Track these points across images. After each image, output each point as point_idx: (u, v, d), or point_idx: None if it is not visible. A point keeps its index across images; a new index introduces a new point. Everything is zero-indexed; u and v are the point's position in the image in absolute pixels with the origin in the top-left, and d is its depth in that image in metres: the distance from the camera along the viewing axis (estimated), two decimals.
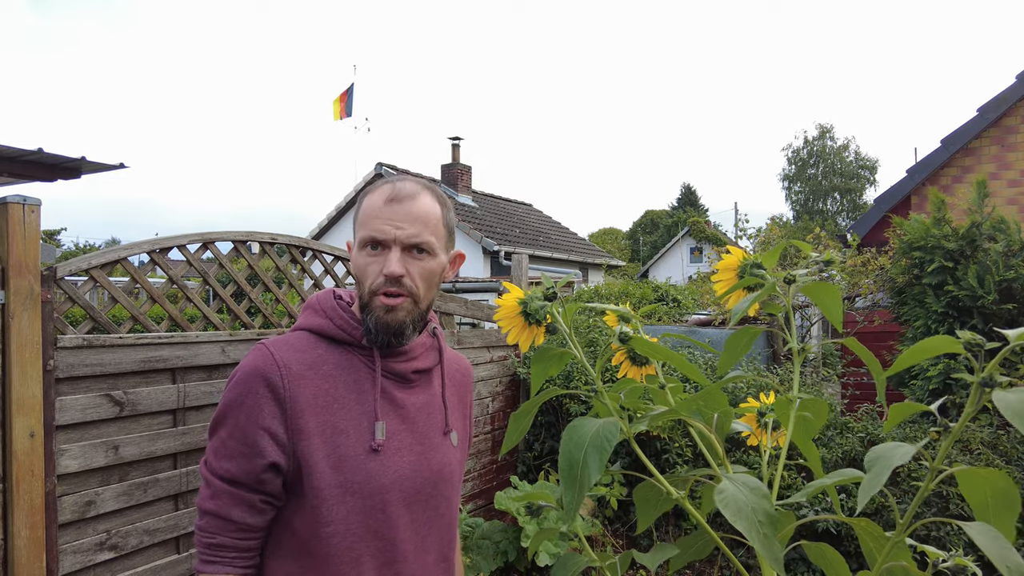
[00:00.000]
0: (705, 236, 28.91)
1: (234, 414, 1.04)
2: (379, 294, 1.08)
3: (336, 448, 1.04)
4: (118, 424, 2.15)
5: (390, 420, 1.10)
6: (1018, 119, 6.68)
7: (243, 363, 1.07)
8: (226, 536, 1.03)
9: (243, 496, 1.03)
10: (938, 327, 3.98)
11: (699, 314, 7.98)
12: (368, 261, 1.09)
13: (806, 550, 0.75)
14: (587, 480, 0.67)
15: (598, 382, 0.76)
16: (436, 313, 3.81)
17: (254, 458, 1.02)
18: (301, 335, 1.12)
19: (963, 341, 0.55)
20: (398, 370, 1.13)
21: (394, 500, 1.07)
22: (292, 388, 1.04)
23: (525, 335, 0.81)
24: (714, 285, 0.87)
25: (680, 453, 3.88)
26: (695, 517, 0.77)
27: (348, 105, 16.45)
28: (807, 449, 0.82)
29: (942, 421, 0.60)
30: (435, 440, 1.15)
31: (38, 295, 1.96)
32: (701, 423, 0.79)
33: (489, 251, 15.62)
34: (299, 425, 1.03)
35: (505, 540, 3.50)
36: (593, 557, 0.82)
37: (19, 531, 1.89)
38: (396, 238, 1.07)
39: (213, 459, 1.05)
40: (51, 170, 4.57)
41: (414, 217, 1.09)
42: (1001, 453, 3.43)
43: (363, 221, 1.10)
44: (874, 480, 0.56)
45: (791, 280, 0.79)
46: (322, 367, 1.08)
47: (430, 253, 1.11)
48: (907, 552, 0.66)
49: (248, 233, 2.68)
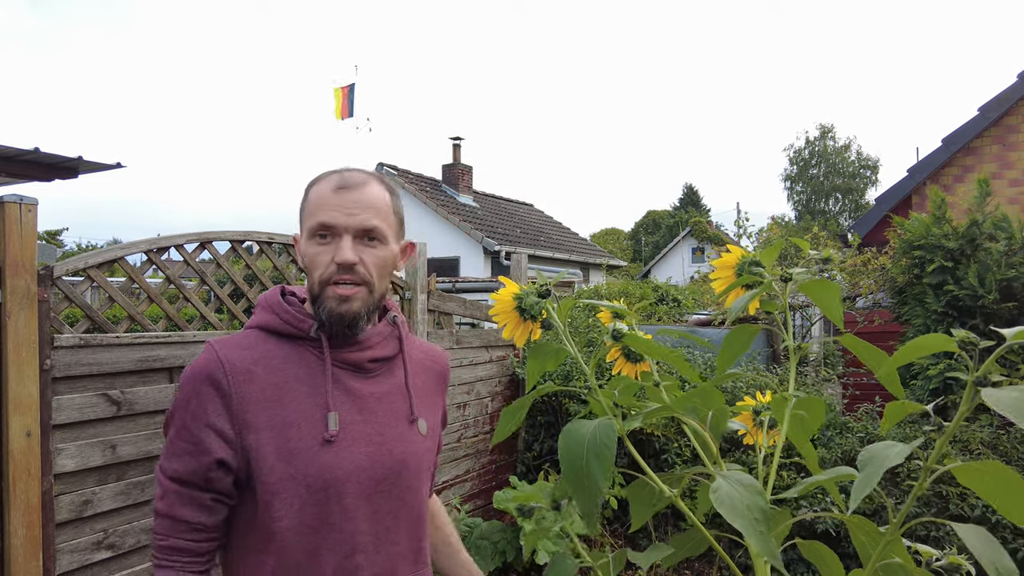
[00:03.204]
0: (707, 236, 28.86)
1: (180, 414, 1.04)
2: (331, 283, 1.06)
3: (287, 441, 1.03)
4: (115, 423, 2.15)
5: (345, 410, 1.08)
6: (1019, 118, 6.67)
7: (189, 365, 1.07)
8: (177, 538, 1.01)
9: (191, 495, 1.02)
10: (938, 327, 3.96)
11: (699, 314, 7.97)
12: (318, 250, 1.07)
13: (800, 548, 0.74)
14: (596, 489, 0.67)
15: (592, 379, 0.76)
16: (436, 313, 3.81)
17: (200, 456, 1.01)
18: (250, 333, 1.11)
19: (957, 339, 0.54)
20: (352, 360, 1.11)
21: (351, 491, 1.05)
22: (237, 384, 1.03)
23: (520, 330, 0.81)
24: (712, 283, 0.87)
25: (679, 453, 3.87)
26: (688, 516, 0.76)
27: (349, 105, 16.44)
28: (804, 448, 0.81)
29: (936, 420, 0.59)
30: (398, 429, 1.13)
31: (35, 294, 1.96)
32: (696, 421, 0.78)
33: (490, 251, 15.62)
34: (246, 420, 1.02)
35: (504, 540, 3.50)
36: (586, 557, 0.82)
37: (15, 530, 1.89)
38: (348, 225, 1.06)
39: (164, 460, 1.04)
40: (48, 170, 4.58)
41: (365, 204, 1.07)
42: (1001, 453, 3.42)
43: (311, 210, 1.08)
44: (867, 479, 0.55)
45: (788, 278, 0.79)
46: (270, 361, 1.07)
47: (381, 241, 1.09)
48: (902, 549, 0.66)
49: (245, 233, 2.68)
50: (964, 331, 0.53)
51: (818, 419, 0.79)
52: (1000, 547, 0.59)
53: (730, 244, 0.86)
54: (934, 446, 0.59)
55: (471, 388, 4.04)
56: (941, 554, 0.60)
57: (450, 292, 7.92)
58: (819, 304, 0.72)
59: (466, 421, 4.00)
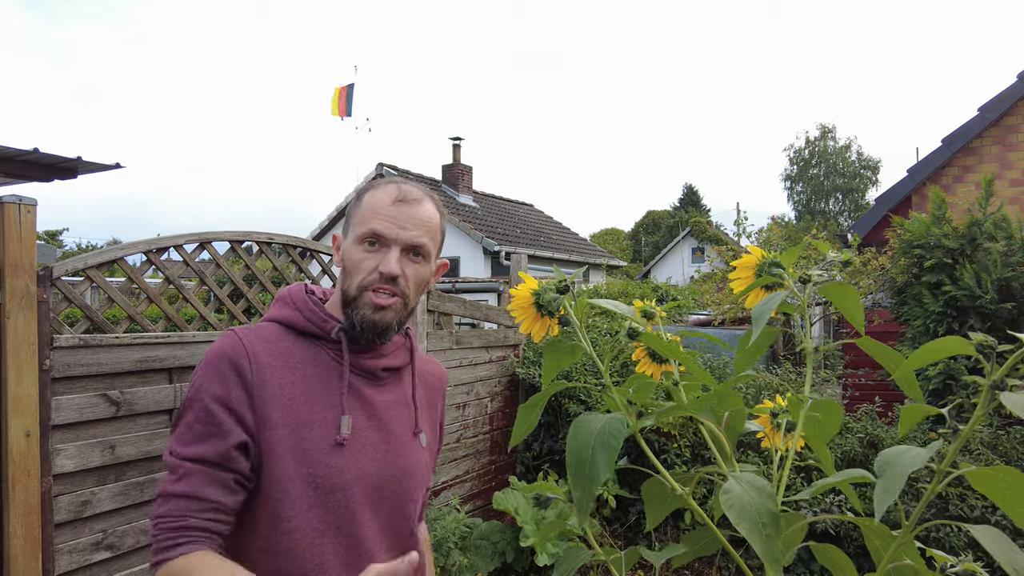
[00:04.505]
0: (707, 236, 28.86)
1: (202, 396, 1.01)
2: (369, 290, 1.07)
3: (301, 441, 1.02)
4: (114, 424, 2.14)
5: (357, 416, 1.08)
6: (1019, 118, 6.67)
7: (212, 347, 1.05)
8: (196, 517, 0.96)
9: (216, 475, 0.98)
10: (937, 327, 3.96)
11: (699, 314, 7.97)
12: (364, 256, 1.08)
13: (814, 551, 0.74)
14: (596, 478, 0.67)
15: (607, 377, 0.76)
16: (435, 313, 3.80)
17: (225, 437, 0.99)
18: (270, 326, 1.10)
19: (975, 343, 0.53)
20: (367, 367, 1.11)
21: (357, 496, 1.05)
22: (258, 375, 1.02)
23: (537, 326, 0.82)
24: (731, 283, 0.87)
25: (679, 453, 3.88)
26: (700, 515, 0.76)
27: (348, 105, 16.43)
28: (820, 451, 0.80)
29: (951, 423, 0.59)
30: (403, 439, 1.13)
31: (34, 295, 1.95)
32: (712, 421, 0.78)
33: (490, 251, 15.61)
34: (264, 414, 1.01)
35: (503, 540, 3.49)
36: (598, 551, 0.82)
37: (15, 531, 1.88)
38: (398, 238, 1.08)
39: (179, 446, 1.00)
40: (47, 170, 4.56)
41: (418, 221, 1.10)
42: (1001, 454, 3.42)
43: (366, 217, 1.09)
44: (889, 487, 0.54)
45: (808, 280, 0.78)
46: (289, 359, 1.06)
47: (425, 258, 1.12)
48: (915, 551, 0.65)
49: (245, 233, 2.67)
50: (982, 335, 0.52)
51: (835, 422, 0.79)
52: (1015, 547, 0.58)
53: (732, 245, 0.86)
54: (944, 448, 0.59)
55: (471, 388, 4.03)
56: (956, 560, 0.60)
57: (450, 292, 7.91)
58: (839, 306, 0.72)
59: (465, 421, 4.00)
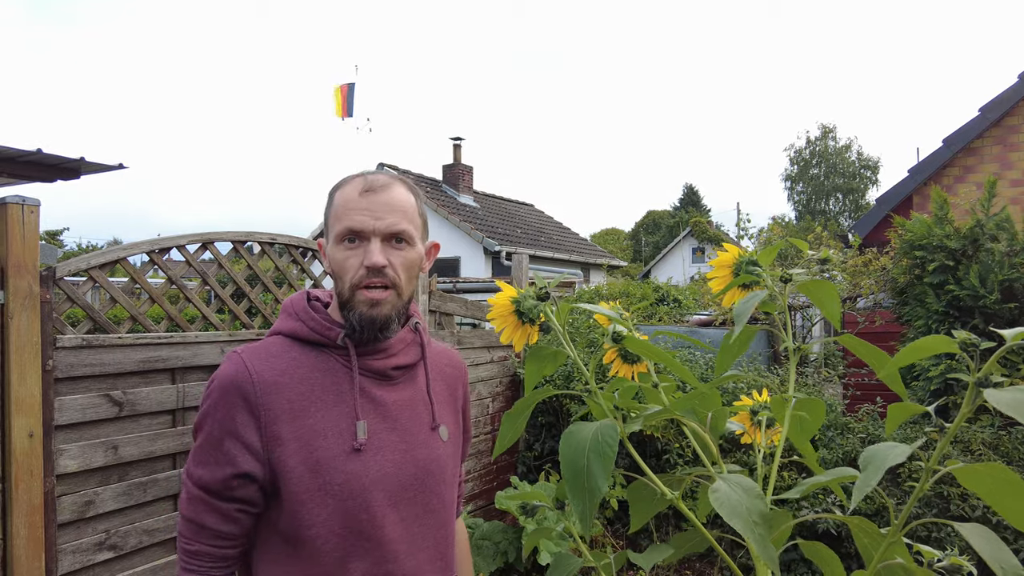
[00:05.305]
0: (707, 236, 28.84)
1: (208, 423, 1.04)
2: (361, 287, 1.07)
3: (313, 452, 1.03)
4: (117, 424, 2.15)
5: (371, 419, 1.08)
6: (1020, 119, 6.66)
7: (217, 373, 1.06)
8: (202, 544, 1.03)
9: (215, 504, 1.02)
10: (939, 327, 3.96)
11: (700, 315, 7.96)
12: (347, 255, 1.07)
13: (802, 548, 0.74)
14: (596, 489, 0.66)
15: (591, 382, 0.76)
16: (437, 313, 3.82)
17: (225, 466, 1.01)
18: (276, 340, 1.11)
19: (958, 341, 0.54)
20: (377, 368, 1.11)
21: (378, 499, 1.05)
22: (265, 396, 1.03)
23: (519, 334, 0.80)
24: (710, 283, 0.87)
25: (680, 453, 3.87)
26: (689, 516, 0.76)
27: (349, 105, 16.44)
28: (804, 448, 0.81)
29: (937, 421, 0.60)
30: (421, 436, 1.13)
31: (37, 295, 1.96)
32: (695, 422, 0.78)
33: (490, 251, 15.62)
34: (274, 432, 1.02)
35: (505, 540, 3.50)
36: (588, 557, 0.82)
37: (18, 531, 1.89)
38: (375, 229, 1.06)
39: (192, 464, 1.05)
40: (50, 170, 4.58)
41: (391, 207, 1.08)
42: (1003, 454, 3.42)
43: (339, 215, 1.08)
44: (868, 479, 0.55)
45: (787, 279, 0.79)
46: (297, 371, 1.07)
47: (409, 243, 1.10)
48: (904, 549, 0.66)
49: (247, 233, 2.68)
50: (965, 332, 0.53)
51: (818, 420, 0.79)
52: (1004, 545, 0.59)
53: (727, 243, 0.86)
54: (935, 447, 0.60)
55: (472, 388, 4.04)
56: (943, 555, 0.60)
57: (451, 293, 7.92)
58: (817, 304, 0.72)
59: None
